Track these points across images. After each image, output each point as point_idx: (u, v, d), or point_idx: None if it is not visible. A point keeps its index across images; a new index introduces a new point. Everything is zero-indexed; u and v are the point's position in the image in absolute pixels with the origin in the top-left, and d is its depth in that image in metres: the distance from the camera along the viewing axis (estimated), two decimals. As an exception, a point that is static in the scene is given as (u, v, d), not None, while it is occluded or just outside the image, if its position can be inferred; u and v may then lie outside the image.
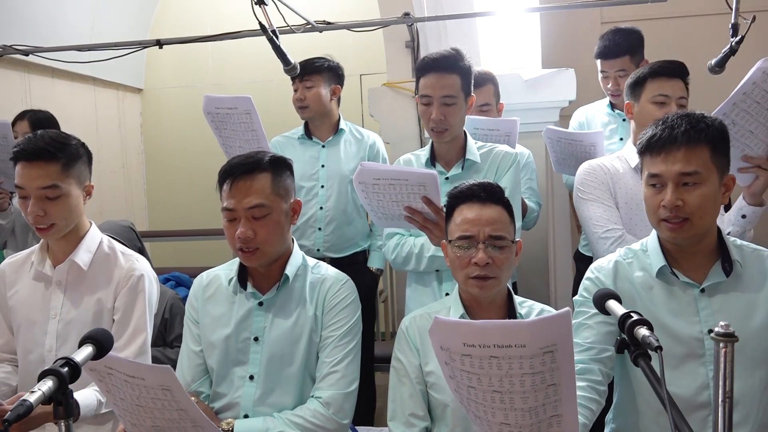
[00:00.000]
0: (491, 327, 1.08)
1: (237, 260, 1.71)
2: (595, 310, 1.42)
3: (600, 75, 2.68)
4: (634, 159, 2.04)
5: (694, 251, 1.47)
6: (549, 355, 1.06)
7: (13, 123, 2.90)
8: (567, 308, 1.07)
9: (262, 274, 1.68)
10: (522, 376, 1.08)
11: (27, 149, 1.68)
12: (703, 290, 1.45)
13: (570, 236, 3.30)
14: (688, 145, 1.40)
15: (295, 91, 2.69)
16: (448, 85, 1.97)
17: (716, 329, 1.04)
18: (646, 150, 1.47)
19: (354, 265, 2.74)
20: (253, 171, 1.59)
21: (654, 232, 1.54)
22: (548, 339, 1.05)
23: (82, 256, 1.78)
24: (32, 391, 1.05)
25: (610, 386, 1.57)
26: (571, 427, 1.14)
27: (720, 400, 1.03)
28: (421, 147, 2.43)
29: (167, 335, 2.54)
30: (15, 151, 1.69)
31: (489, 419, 1.15)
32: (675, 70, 2.00)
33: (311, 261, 1.76)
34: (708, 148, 1.40)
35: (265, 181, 1.60)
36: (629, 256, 1.56)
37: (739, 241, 1.52)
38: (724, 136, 1.44)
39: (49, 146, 1.69)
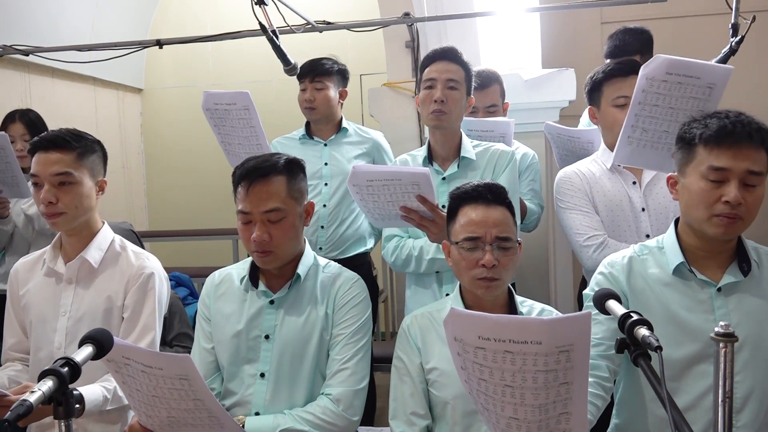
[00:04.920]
0: (508, 322, 1.08)
1: (249, 259, 1.72)
2: None
3: None
4: (609, 160, 2.05)
5: (718, 251, 1.46)
6: (564, 354, 1.06)
7: (4, 127, 2.86)
8: (588, 311, 1.07)
9: (274, 274, 1.69)
10: (535, 373, 1.07)
11: (45, 138, 1.76)
12: (719, 289, 1.45)
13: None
14: (762, 144, 1.37)
15: (303, 90, 2.66)
16: (453, 71, 2.03)
17: (716, 329, 1.04)
18: (712, 141, 1.39)
19: (356, 267, 2.73)
20: (269, 174, 1.59)
21: (671, 230, 1.52)
22: (565, 339, 1.05)
23: (93, 253, 1.80)
24: (32, 391, 1.05)
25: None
26: (579, 425, 1.14)
27: (720, 400, 1.03)
28: (421, 147, 2.43)
29: (166, 334, 2.53)
30: (33, 143, 1.76)
31: (498, 412, 1.15)
32: (629, 68, 2.00)
33: (322, 260, 1.77)
34: (766, 153, 1.39)
35: (280, 184, 1.61)
36: (644, 252, 1.55)
37: (754, 243, 1.52)
38: None
39: (66, 136, 1.76)
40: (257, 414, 1.61)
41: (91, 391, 1.63)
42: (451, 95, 2.01)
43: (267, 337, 1.64)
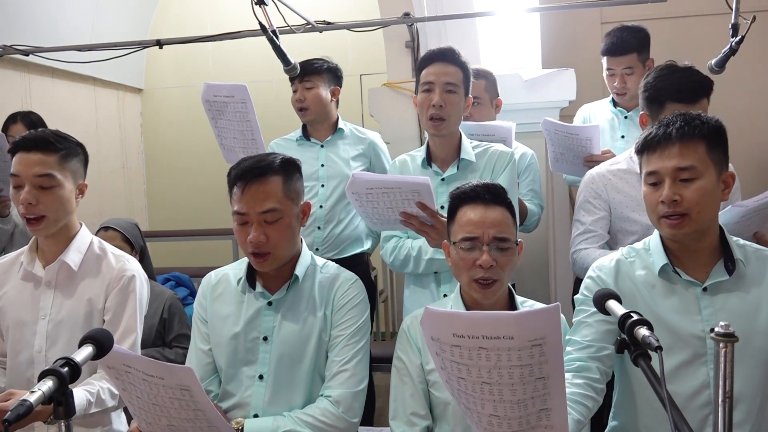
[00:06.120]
0: (480, 318, 1.09)
1: (245, 260, 1.70)
2: (595, 309, 1.42)
3: (605, 72, 2.66)
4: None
5: (696, 249, 1.47)
6: (537, 348, 1.07)
7: (6, 128, 2.88)
8: (557, 303, 1.08)
9: (271, 275, 1.67)
10: (510, 368, 1.09)
11: (28, 138, 1.72)
12: (705, 289, 1.45)
13: (570, 236, 3.29)
14: (682, 140, 1.41)
15: (294, 91, 2.67)
16: (451, 73, 2.00)
17: (716, 329, 1.04)
18: (643, 149, 1.48)
19: (353, 267, 2.72)
20: (265, 174, 1.58)
21: (656, 232, 1.54)
22: (537, 332, 1.06)
23: (72, 256, 1.78)
24: (32, 391, 1.05)
25: (610, 385, 1.57)
26: (559, 421, 1.15)
27: (720, 400, 1.03)
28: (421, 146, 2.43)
29: (166, 335, 2.54)
30: (15, 142, 1.72)
31: (478, 410, 1.16)
32: (698, 93, 1.90)
33: (320, 261, 1.76)
34: (704, 143, 1.41)
35: (276, 184, 1.59)
36: (631, 254, 1.56)
37: (741, 241, 1.52)
38: (720, 133, 1.44)
39: (50, 137, 1.73)
40: (256, 416, 1.60)
41: (75, 395, 1.62)
42: (450, 99, 2.00)
43: (265, 338, 1.63)
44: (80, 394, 1.64)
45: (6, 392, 1.60)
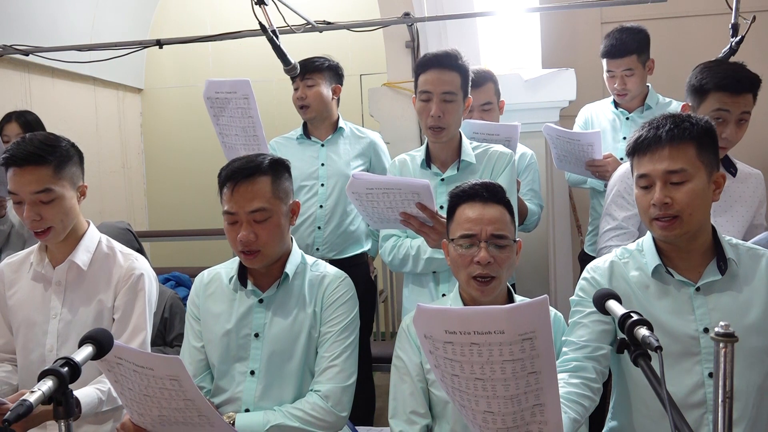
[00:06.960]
0: (471, 313, 1.10)
1: (237, 259, 1.74)
2: (591, 309, 1.43)
3: (606, 74, 2.66)
4: None
5: (689, 250, 1.48)
6: (528, 342, 1.08)
7: (1, 128, 2.88)
8: (545, 295, 1.09)
9: (262, 273, 1.71)
10: (502, 363, 1.09)
11: (17, 155, 1.68)
12: (698, 289, 1.46)
13: (570, 236, 3.30)
14: (672, 143, 1.42)
15: (296, 89, 2.66)
16: (449, 81, 1.97)
17: (716, 329, 1.04)
18: (634, 152, 1.49)
19: (353, 267, 2.73)
20: (254, 175, 1.61)
21: (649, 233, 1.55)
22: (526, 325, 1.07)
23: (82, 256, 1.79)
24: (32, 391, 1.05)
25: (610, 385, 1.57)
26: (553, 417, 1.16)
27: (720, 400, 1.03)
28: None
29: (167, 335, 2.54)
30: (5, 157, 1.69)
31: (473, 407, 1.17)
32: (744, 85, 1.89)
33: (310, 259, 1.79)
34: (693, 145, 1.42)
35: (265, 184, 1.62)
36: (625, 255, 1.57)
37: (734, 240, 1.53)
38: (710, 134, 1.45)
39: (39, 150, 1.68)
40: (247, 410, 1.63)
41: (86, 393, 1.64)
42: (448, 108, 1.98)
43: (257, 335, 1.67)
44: (91, 392, 1.66)
45: (19, 392, 1.63)
